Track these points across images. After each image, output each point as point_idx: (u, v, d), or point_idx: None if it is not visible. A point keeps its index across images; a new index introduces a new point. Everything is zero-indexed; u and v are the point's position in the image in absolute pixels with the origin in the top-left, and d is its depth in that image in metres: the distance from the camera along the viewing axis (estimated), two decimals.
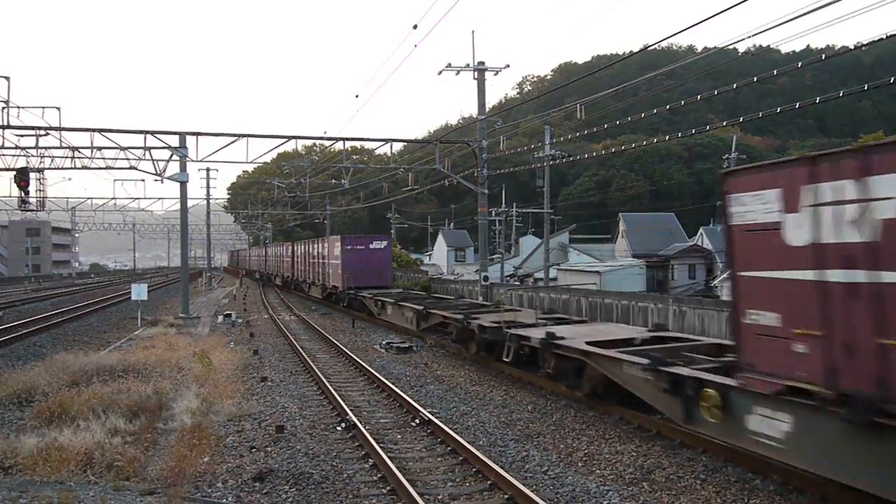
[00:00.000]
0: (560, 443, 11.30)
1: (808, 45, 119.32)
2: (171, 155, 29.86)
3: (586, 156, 38.81)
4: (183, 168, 30.86)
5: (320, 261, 40.03)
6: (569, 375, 13.47)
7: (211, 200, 63.72)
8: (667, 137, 32.69)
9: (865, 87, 20.32)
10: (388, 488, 9.19)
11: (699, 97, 23.15)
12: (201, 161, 31.01)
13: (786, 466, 8.66)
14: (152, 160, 29.80)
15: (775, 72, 20.50)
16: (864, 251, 6.92)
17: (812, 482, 8.49)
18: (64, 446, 10.08)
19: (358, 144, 41.78)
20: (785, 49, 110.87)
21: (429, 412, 12.82)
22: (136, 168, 30.01)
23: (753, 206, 8.19)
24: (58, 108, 27.48)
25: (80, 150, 29.03)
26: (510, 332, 15.95)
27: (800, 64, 22.05)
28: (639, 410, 11.99)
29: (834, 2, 13.24)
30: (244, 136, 28.92)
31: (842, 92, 20.03)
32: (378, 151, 78.92)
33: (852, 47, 22.08)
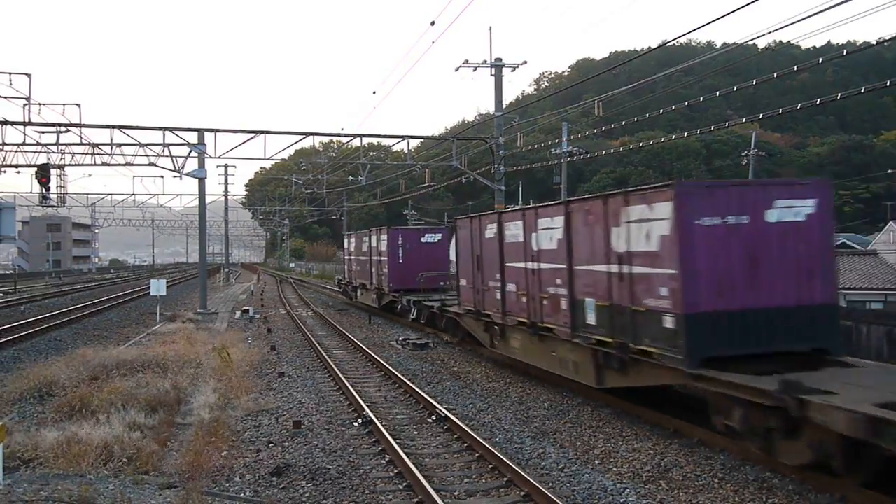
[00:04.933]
0: (577, 440, 11.28)
1: (828, 41, 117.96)
2: (190, 151, 30.06)
3: (604, 152, 38.73)
4: (201, 164, 31.06)
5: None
6: (451, 328, 21.88)
7: (229, 197, 64.15)
8: (685, 134, 32.45)
9: (887, 84, 19.99)
10: (405, 484, 9.21)
11: (718, 94, 22.94)
12: (219, 157, 31.37)
13: (802, 469, 8.61)
14: (171, 156, 30.05)
15: (795, 68, 20.20)
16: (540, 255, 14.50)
17: (830, 483, 8.42)
18: (84, 440, 10.17)
19: (375, 141, 41.97)
20: (805, 45, 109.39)
21: (445, 409, 12.84)
22: (155, 164, 30.30)
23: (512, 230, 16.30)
24: (78, 105, 27.83)
25: (99, 146, 29.30)
26: (423, 303, 24.59)
27: (820, 60, 21.73)
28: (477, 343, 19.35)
29: None
30: (262, 132, 29.10)
31: (863, 88, 19.75)
32: (395, 148, 79.09)
33: (874, 43, 21.88)
